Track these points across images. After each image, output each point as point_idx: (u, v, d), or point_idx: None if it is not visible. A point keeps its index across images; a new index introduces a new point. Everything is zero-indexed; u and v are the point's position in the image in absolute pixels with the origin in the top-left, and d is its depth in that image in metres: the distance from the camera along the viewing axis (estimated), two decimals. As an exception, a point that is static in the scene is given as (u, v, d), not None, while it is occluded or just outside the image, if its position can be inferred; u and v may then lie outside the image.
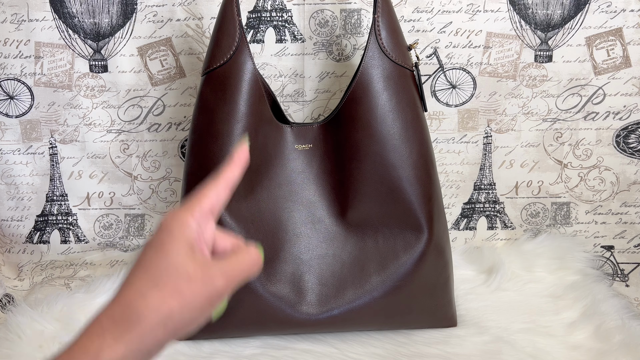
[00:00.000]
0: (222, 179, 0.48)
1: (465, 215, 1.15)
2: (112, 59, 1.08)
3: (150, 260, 0.43)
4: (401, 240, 0.83)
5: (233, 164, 0.50)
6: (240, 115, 0.81)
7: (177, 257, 0.43)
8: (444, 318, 0.88)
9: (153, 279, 0.42)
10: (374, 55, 0.83)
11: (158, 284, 0.42)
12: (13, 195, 1.13)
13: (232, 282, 0.45)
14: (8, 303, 1.00)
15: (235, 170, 0.49)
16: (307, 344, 0.85)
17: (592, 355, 0.82)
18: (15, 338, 0.81)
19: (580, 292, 0.97)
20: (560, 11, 1.05)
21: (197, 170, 0.83)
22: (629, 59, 1.07)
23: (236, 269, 0.45)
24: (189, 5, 1.05)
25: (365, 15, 1.06)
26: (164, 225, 0.45)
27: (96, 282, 0.96)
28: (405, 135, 0.83)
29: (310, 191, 0.86)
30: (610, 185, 1.12)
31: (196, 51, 1.08)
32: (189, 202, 0.47)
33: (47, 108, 1.10)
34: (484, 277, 1.04)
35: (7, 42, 1.06)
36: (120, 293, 0.43)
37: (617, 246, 1.14)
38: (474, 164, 1.12)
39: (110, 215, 1.15)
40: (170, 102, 1.10)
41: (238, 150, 0.51)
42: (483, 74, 1.08)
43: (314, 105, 1.10)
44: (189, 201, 0.47)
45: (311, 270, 0.83)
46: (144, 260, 0.44)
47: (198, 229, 0.45)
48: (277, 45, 1.07)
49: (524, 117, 1.10)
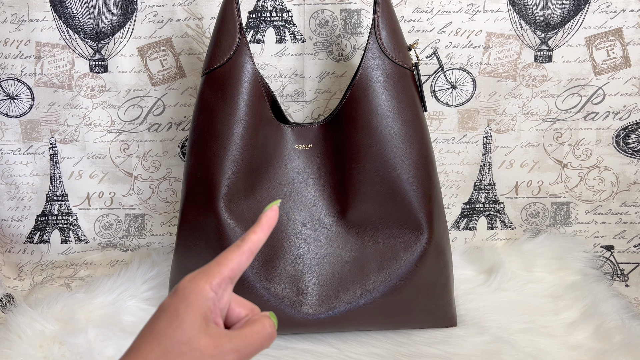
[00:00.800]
0: (246, 244, 0.46)
1: (465, 215, 1.15)
2: (112, 59, 1.08)
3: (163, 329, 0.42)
4: (401, 240, 0.84)
5: (260, 227, 0.47)
6: (240, 115, 0.81)
7: (190, 330, 0.42)
8: (444, 318, 0.88)
9: (164, 351, 0.41)
10: (374, 55, 0.83)
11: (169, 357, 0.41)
12: (13, 195, 1.13)
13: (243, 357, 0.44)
14: (8, 303, 1.00)
15: (262, 234, 0.47)
16: (307, 344, 0.85)
17: (592, 355, 0.82)
18: (15, 338, 0.81)
19: (580, 292, 0.97)
20: (560, 11, 1.05)
21: (197, 170, 0.83)
22: (629, 59, 1.07)
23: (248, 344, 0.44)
24: (189, 5, 1.05)
25: (365, 15, 1.06)
26: (181, 291, 0.43)
27: (96, 282, 0.96)
28: (405, 135, 0.83)
29: (310, 191, 0.86)
30: (610, 185, 1.12)
31: (196, 51, 1.08)
32: (209, 268, 0.45)
33: (48, 108, 1.10)
34: (484, 277, 1.04)
35: (7, 42, 1.06)
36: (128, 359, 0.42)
37: (617, 246, 1.14)
38: (474, 164, 1.12)
39: (111, 215, 1.15)
40: (171, 102, 1.10)
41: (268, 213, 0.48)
42: (483, 74, 1.08)
43: (314, 105, 1.10)
44: (210, 267, 0.45)
45: (311, 270, 0.83)
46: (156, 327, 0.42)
47: (214, 299, 0.44)
48: (277, 46, 1.07)
49: (524, 117, 1.10)
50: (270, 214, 0.48)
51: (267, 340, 0.45)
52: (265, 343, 0.45)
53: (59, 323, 0.84)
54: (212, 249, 0.81)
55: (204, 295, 0.43)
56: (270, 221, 0.47)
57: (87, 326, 0.84)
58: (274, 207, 0.48)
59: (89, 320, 0.86)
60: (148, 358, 0.41)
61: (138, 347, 0.42)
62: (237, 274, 0.46)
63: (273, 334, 0.46)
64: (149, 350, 0.41)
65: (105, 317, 0.88)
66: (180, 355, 0.41)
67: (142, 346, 0.42)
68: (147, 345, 0.41)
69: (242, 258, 0.45)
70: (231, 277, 0.45)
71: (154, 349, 0.41)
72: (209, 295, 0.43)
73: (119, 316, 0.89)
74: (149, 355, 0.41)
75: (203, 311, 0.43)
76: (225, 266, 0.45)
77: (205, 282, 0.43)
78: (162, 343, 0.41)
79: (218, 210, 0.80)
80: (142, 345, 0.42)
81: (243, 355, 0.44)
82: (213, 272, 0.44)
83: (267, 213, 0.48)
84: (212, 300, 0.43)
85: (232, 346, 0.43)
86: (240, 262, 0.45)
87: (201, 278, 0.44)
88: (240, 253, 0.45)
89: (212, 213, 0.81)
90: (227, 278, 0.45)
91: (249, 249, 0.46)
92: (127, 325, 0.88)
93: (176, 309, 0.42)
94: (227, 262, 0.45)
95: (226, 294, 0.45)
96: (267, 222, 0.47)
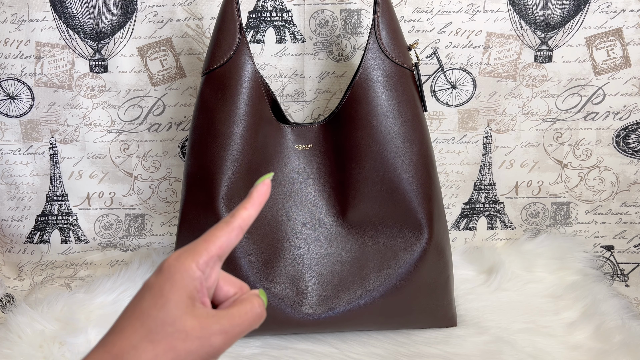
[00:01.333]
0: (236, 220, 0.44)
1: (465, 215, 1.15)
2: (112, 59, 1.08)
3: (147, 309, 0.40)
4: (401, 240, 0.84)
5: (251, 202, 0.44)
6: (240, 115, 0.81)
7: (175, 310, 0.40)
8: (444, 318, 0.88)
9: (148, 332, 0.39)
10: (374, 55, 0.83)
11: (153, 339, 0.39)
12: (13, 195, 1.13)
13: (231, 339, 0.42)
14: (8, 303, 1.00)
15: (252, 210, 0.44)
16: (307, 344, 0.85)
17: (592, 355, 0.82)
18: (15, 338, 0.81)
19: (580, 292, 0.97)
20: (560, 11, 1.05)
21: (197, 170, 0.83)
22: (629, 59, 1.07)
23: (236, 325, 0.42)
24: (189, 5, 1.06)
25: (365, 16, 1.06)
26: (166, 270, 0.41)
27: (96, 282, 0.96)
28: (405, 135, 0.83)
29: (310, 191, 0.86)
30: (610, 185, 1.12)
31: (196, 51, 1.08)
32: (196, 245, 0.43)
33: (48, 108, 1.10)
34: (484, 277, 1.04)
35: (7, 42, 1.06)
36: (110, 340, 0.40)
37: (617, 246, 1.14)
38: (474, 164, 1.12)
39: (111, 215, 1.15)
40: (171, 102, 1.10)
41: (259, 187, 0.45)
42: (483, 74, 1.08)
43: (314, 105, 1.10)
44: (197, 244, 0.43)
45: (311, 270, 0.83)
46: (140, 307, 0.40)
47: (201, 278, 0.42)
48: (277, 46, 1.07)
49: (524, 117, 1.10)
50: (261, 188, 0.45)
51: (256, 320, 0.44)
52: (254, 323, 0.44)
53: (59, 323, 0.84)
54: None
55: (190, 274, 0.41)
56: (261, 196, 0.45)
57: (87, 326, 0.84)
58: (265, 181, 0.45)
59: (89, 320, 0.86)
60: (131, 339, 0.39)
61: (121, 327, 0.40)
62: (226, 251, 0.43)
63: (262, 313, 0.44)
64: (132, 330, 0.39)
65: (105, 317, 0.88)
66: (165, 336, 0.39)
67: (125, 327, 0.40)
68: (130, 326, 0.40)
69: (231, 235, 0.43)
70: (219, 254, 0.43)
71: (137, 330, 0.39)
72: (196, 274, 0.41)
73: (119, 316, 0.89)
74: (132, 336, 0.39)
75: (189, 291, 0.41)
76: (213, 244, 0.42)
77: (191, 261, 0.41)
78: (146, 324, 0.39)
79: (218, 210, 0.80)
80: (125, 326, 0.40)
81: (231, 336, 0.42)
82: (200, 250, 0.42)
83: (258, 187, 0.45)
84: (198, 280, 0.42)
85: (219, 327, 0.41)
86: (230, 239, 0.43)
87: (188, 256, 0.42)
88: (230, 230, 0.43)
89: (212, 213, 0.81)
90: (215, 256, 0.43)
91: (238, 226, 0.43)
92: (127, 325, 0.88)
93: (161, 288, 0.41)
94: (215, 239, 0.43)
95: (214, 272, 0.43)
96: (258, 197, 0.45)
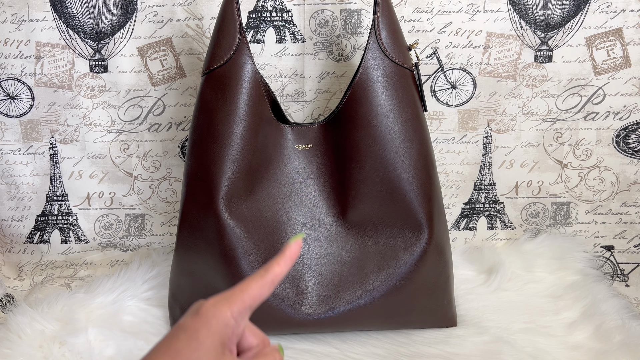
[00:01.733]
0: (269, 275, 0.46)
1: (465, 215, 1.15)
2: (112, 59, 1.08)
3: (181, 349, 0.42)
4: (401, 240, 0.84)
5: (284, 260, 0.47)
6: (240, 115, 0.81)
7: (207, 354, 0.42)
8: (444, 318, 0.88)
9: None
10: (374, 55, 0.83)
11: None
12: (13, 195, 1.13)
13: None
14: (8, 303, 1.00)
15: (284, 268, 0.47)
16: (307, 344, 0.85)
17: (592, 355, 0.82)
18: (15, 338, 0.81)
19: (580, 292, 0.97)
20: (560, 11, 1.05)
21: (197, 170, 0.83)
22: (629, 59, 1.07)
23: None
24: (189, 5, 1.05)
25: (365, 16, 1.06)
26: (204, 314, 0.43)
27: (96, 282, 0.96)
28: (405, 135, 0.83)
29: (310, 191, 0.86)
30: (610, 185, 1.12)
31: (196, 51, 1.08)
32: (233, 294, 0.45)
33: (48, 108, 1.10)
34: (484, 277, 1.04)
35: (7, 42, 1.06)
36: None
37: (617, 246, 1.14)
38: (474, 164, 1.12)
39: (111, 215, 1.15)
40: (171, 102, 1.10)
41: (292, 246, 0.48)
42: (483, 74, 1.08)
43: (314, 105, 1.10)
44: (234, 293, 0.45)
45: (311, 270, 0.83)
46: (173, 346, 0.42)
47: (234, 326, 0.44)
48: (277, 45, 1.07)
49: (524, 117, 1.10)
50: (294, 247, 0.48)
51: None
52: None
53: (59, 323, 0.84)
54: (212, 249, 0.81)
55: (225, 321, 0.43)
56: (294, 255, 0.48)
57: (87, 326, 0.84)
58: (298, 241, 0.48)
59: (89, 320, 0.86)
60: None
61: None
62: (257, 303, 0.46)
63: None
64: None
65: (105, 317, 0.88)
66: None
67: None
68: None
69: (263, 289, 0.46)
70: (251, 305, 0.45)
71: None
72: (230, 322, 0.44)
73: (119, 316, 0.89)
74: None
75: (222, 337, 0.43)
76: (248, 294, 0.45)
77: (227, 308, 0.44)
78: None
79: (218, 210, 0.80)
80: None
81: None
82: (236, 299, 0.44)
83: (291, 246, 0.48)
84: (231, 328, 0.44)
85: None
86: (262, 293, 0.46)
87: (224, 304, 0.44)
88: (263, 284, 0.46)
89: (212, 213, 0.81)
90: (248, 306, 0.45)
91: (271, 280, 0.46)
92: (127, 325, 0.88)
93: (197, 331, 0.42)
94: (250, 290, 0.45)
95: (243, 322, 0.46)
96: (290, 255, 0.47)
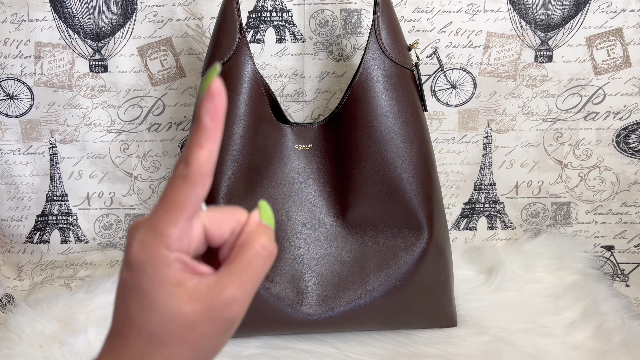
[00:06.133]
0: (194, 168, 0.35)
1: (466, 215, 1.15)
2: (112, 59, 1.08)
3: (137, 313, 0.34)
4: (401, 240, 0.84)
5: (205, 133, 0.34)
6: (240, 115, 0.81)
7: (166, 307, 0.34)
8: (444, 318, 0.88)
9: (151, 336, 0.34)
10: (374, 55, 0.83)
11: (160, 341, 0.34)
12: (13, 195, 1.13)
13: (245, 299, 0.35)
14: (8, 303, 1.00)
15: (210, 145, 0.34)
16: (307, 344, 0.85)
17: (592, 355, 0.82)
18: (15, 338, 0.81)
19: (580, 292, 0.96)
20: (560, 11, 1.05)
21: (197, 170, 0.83)
22: (629, 59, 1.07)
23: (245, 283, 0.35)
24: (189, 5, 1.05)
25: (365, 15, 1.06)
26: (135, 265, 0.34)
27: (96, 282, 0.96)
28: (405, 135, 0.83)
29: (310, 191, 0.86)
30: (611, 185, 1.12)
31: (196, 51, 1.08)
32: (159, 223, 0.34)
33: (47, 108, 1.10)
34: (484, 277, 1.04)
35: (7, 42, 1.06)
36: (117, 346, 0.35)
37: (617, 246, 1.14)
38: (474, 164, 1.12)
39: (111, 215, 1.15)
40: (171, 102, 1.10)
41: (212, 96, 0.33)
42: (483, 74, 1.08)
43: (314, 105, 1.10)
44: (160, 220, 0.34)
45: (311, 270, 0.83)
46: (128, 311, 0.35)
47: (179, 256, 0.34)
48: (277, 45, 1.07)
49: (524, 117, 1.10)
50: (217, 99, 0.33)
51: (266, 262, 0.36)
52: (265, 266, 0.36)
53: (59, 323, 0.84)
54: (212, 249, 0.81)
55: (163, 262, 0.34)
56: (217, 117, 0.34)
57: (87, 326, 0.84)
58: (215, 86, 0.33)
59: (89, 320, 0.86)
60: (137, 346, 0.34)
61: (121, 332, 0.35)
62: (196, 209, 0.35)
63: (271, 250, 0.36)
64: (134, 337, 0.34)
65: (105, 317, 0.88)
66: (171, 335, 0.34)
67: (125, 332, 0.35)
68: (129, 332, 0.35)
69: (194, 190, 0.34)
70: (189, 217, 0.34)
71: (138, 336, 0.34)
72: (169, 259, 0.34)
73: (119, 316, 0.89)
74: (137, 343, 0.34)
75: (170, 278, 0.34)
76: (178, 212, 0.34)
77: (158, 246, 0.34)
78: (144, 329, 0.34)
79: (218, 210, 0.80)
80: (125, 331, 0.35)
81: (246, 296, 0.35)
82: (164, 229, 0.34)
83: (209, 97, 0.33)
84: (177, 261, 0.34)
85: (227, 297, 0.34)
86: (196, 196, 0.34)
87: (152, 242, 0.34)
88: (190, 185, 0.34)
89: (212, 213, 0.81)
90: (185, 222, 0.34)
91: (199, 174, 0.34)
92: (127, 325, 0.88)
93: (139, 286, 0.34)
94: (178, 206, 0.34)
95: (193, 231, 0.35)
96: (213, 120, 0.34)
